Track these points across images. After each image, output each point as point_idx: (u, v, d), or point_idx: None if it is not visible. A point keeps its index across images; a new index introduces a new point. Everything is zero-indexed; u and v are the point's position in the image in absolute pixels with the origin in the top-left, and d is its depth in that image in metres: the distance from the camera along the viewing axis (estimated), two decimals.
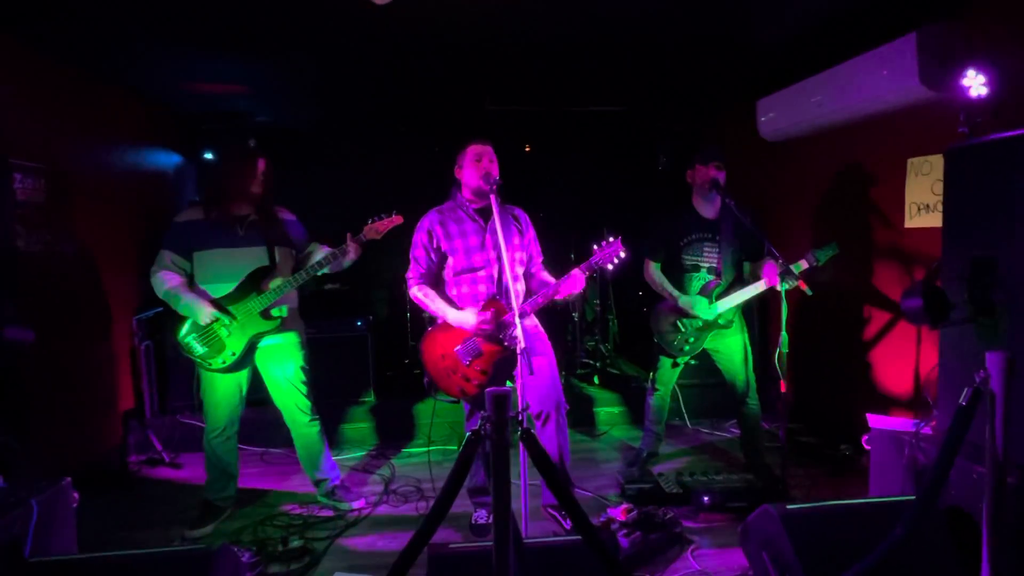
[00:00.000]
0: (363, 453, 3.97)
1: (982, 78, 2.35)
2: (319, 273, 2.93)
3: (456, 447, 3.89)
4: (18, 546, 1.92)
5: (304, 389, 3.04)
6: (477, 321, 2.62)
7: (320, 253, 2.99)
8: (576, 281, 2.60)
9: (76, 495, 2.36)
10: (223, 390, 2.91)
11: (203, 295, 2.81)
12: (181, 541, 2.83)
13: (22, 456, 2.54)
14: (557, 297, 2.64)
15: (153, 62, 3.63)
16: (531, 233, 2.90)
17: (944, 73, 2.76)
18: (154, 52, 3.44)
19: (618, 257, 2.59)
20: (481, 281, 2.75)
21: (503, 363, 2.69)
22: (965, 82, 2.37)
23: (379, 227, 2.89)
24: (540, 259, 2.93)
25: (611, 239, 2.59)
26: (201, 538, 2.85)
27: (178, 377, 4.13)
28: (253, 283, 2.84)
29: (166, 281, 2.80)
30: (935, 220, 3.07)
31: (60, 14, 2.84)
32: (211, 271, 2.83)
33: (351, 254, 2.89)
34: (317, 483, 3.17)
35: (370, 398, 4.42)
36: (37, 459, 3.01)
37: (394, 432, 4.18)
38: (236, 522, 3.00)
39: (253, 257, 2.86)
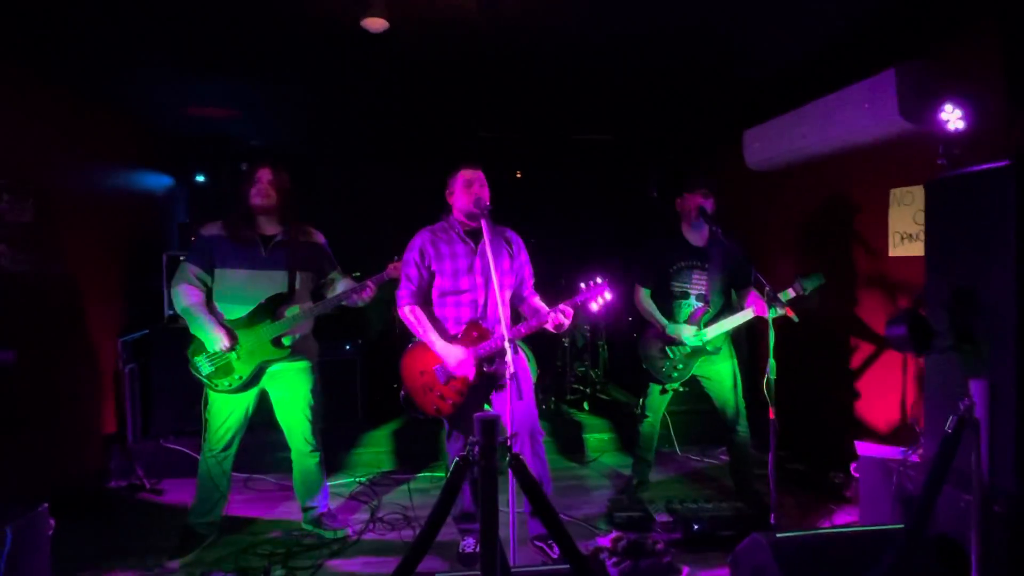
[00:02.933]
0: (351, 480, 3.91)
1: (959, 112, 2.43)
2: (326, 312, 2.89)
3: (443, 474, 3.84)
4: None
5: (311, 416, 2.99)
6: (461, 361, 2.64)
7: (341, 285, 2.94)
8: (566, 315, 2.60)
9: (52, 521, 2.30)
10: (228, 409, 2.86)
11: (217, 319, 2.76)
12: (161, 570, 2.75)
13: None
14: (547, 326, 2.65)
15: (145, 84, 3.66)
16: (523, 257, 2.92)
17: (923, 107, 2.85)
18: (147, 74, 3.47)
19: (603, 298, 2.60)
20: (464, 304, 2.76)
21: (481, 385, 2.70)
22: (943, 116, 2.44)
23: (399, 267, 2.85)
24: (532, 282, 2.94)
25: (599, 280, 2.61)
26: (182, 567, 2.77)
27: (163, 401, 4.07)
28: (269, 309, 2.80)
29: (186, 296, 2.77)
30: (918, 249, 3.13)
31: (51, 34, 2.86)
32: (229, 291, 2.80)
33: (368, 292, 2.85)
34: (305, 510, 3.11)
35: (359, 424, 4.36)
36: (13, 484, 2.93)
37: (384, 458, 4.12)
38: (218, 550, 2.92)
39: (273, 281, 2.81)
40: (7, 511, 2.11)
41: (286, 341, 2.84)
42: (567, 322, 2.62)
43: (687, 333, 3.17)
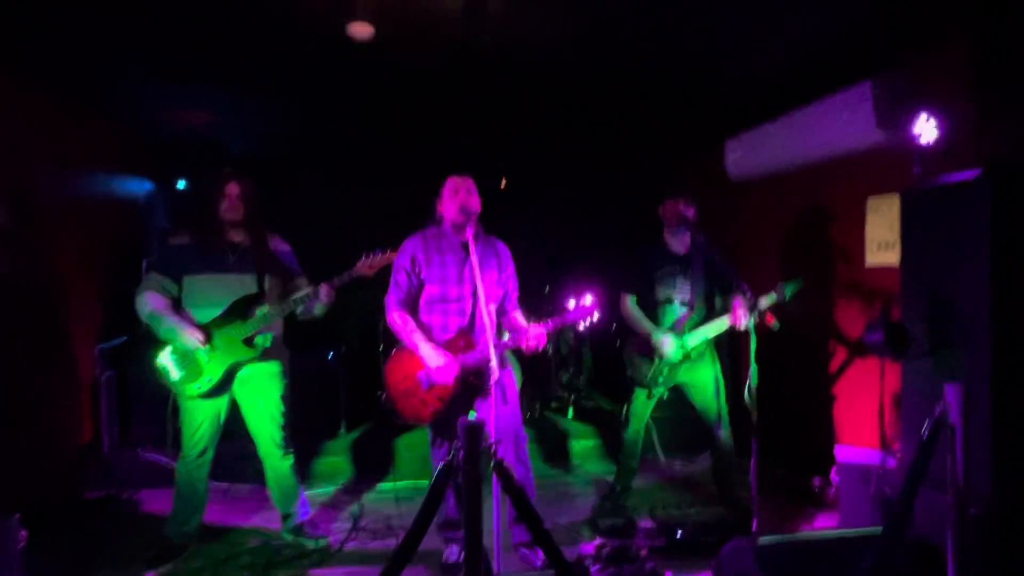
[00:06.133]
0: (333, 488, 3.86)
1: (933, 122, 2.49)
2: (294, 311, 2.88)
3: (426, 482, 3.82)
4: None
5: (281, 421, 2.97)
6: (442, 368, 2.62)
7: (304, 289, 2.93)
8: (539, 339, 2.61)
9: (24, 533, 2.24)
10: (200, 416, 2.84)
11: (187, 319, 2.76)
12: None
13: None
14: (522, 347, 2.64)
15: (126, 88, 3.62)
16: (510, 270, 2.92)
17: (898, 118, 2.92)
18: (128, 78, 3.44)
19: (591, 318, 2.62)
20: (452, 312, 2.75)
21: (462, 393, 2.70)
22: (917, 126, 2.50)
23: (373, 262, 2.83)
24: (516, 296, 2.95)
25: (588, 300, 2.63)
26: None
27: (141, 409, 3.99)
28: (239, 310, 2.81)
29: (150, 302, 2.76)
30: (894, 257, 3.19)
31: (30, 37, 2.82)
32: (199, 296, 2.80)
33: (322, 298, 2.83)
34: (284, 518, 3.07)
35: (341, 431, 4.32)
36: None
37: (365, 466, 4.08)
38: (195, 561, 2.87)
39: (242, 284, 2.83)
40: None
41: (258, 341, 2.84)
42: (540, 346, 2.63)
43: (668, 349, 3.18)
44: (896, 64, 3.11)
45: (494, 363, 2.31)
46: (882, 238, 3.35)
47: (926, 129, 2.49)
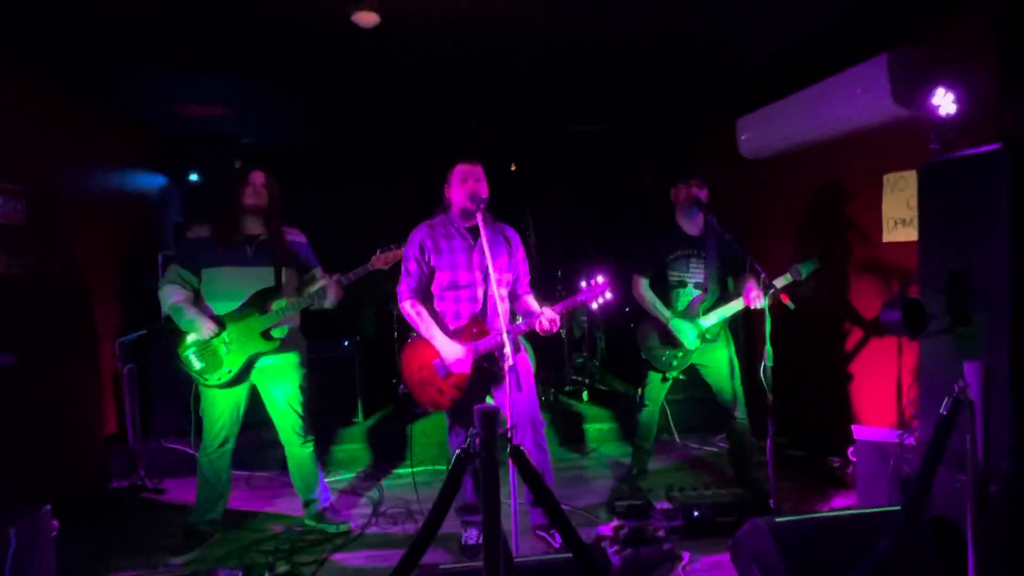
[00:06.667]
0: (352, 475, 3.93)
1: (951, 96, 2.43)
2: (309, 305, 2.91)
3: (444, 467, 3.86)
4: None
5: (300, 410, 3.02)
6: (458, 358, 2.65)
7: (318, 283, 2.97)
8: (553, 321, 2.62)
9: (56, 523, 2.31)
10: (221, 406, 2.90)
11: (206, 311, 2.82)
12: (165, 569, 2.76)
13: (0, 483, 2.48)
14: (535, 329, 2.66)
15: (137, 82, 3.64)
16: (520, 254, 2.92)
17: (915, 92, 2.85)
18: (140, 73, 3.46)
19: (604, 297, 2.63)
20: (464, 299, 2.76)
21: (479, 379, 2.72)
22: (935, 100, 2.45)
23: (387, 257, 2.85)
24: (527, 280, 2.95)
25: (600, 279, 2.62)
26: (185, 565, 2.79)
27: (162, 401, 4.07)
28: (257, 303, 2.86)
29: (171, 295, 2.84)
30: (912, 234, 3.15)
31: (43, 34, 2.84)
32: (218, 288, 2.86)
33: (331, 295, 2.87)
34: (306, 504, 3.13)
35: (358, 419, 4.38)
36: (16, 486, 2.94)
37: (383, 453, 4.14)
38: (221, 548, 2.94)
39: (260, 277, 2.88)
40: (10, 513, 2.12)
41: (275, 333, 2.89)
42: (555, 328, 2.64)
43: (687, 336, 3.18)
44: (913, 37, 3.03)
45: (507, 349, 2.32)
46: (899, 215, 3.29)
47: (944, 103, 2.44)
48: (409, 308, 2.78)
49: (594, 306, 2.64)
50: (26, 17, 2.64)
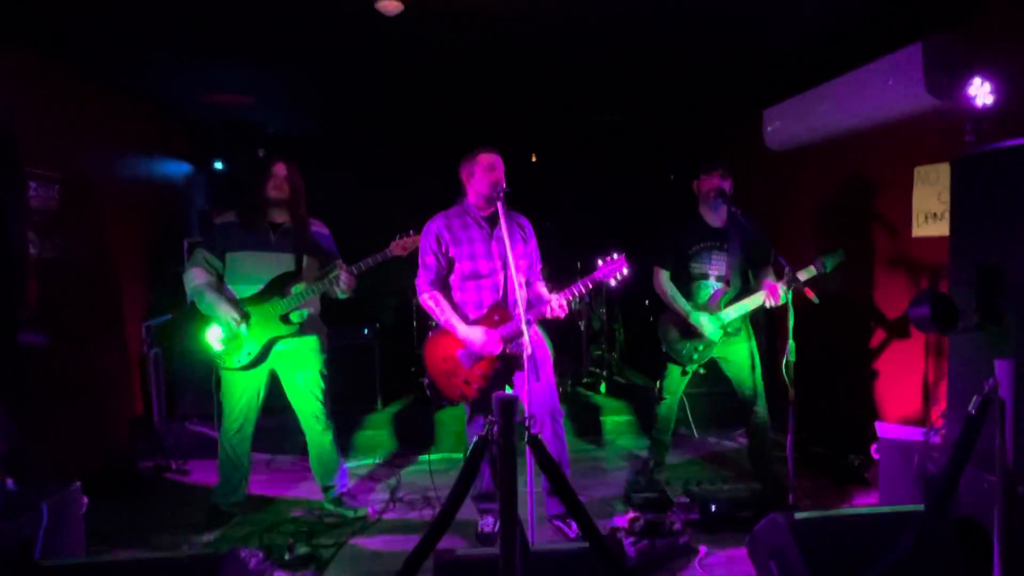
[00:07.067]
0: (370, 461, 3.97)
1: (988, 87, 2.36)
2: (327, 290, 2.92)
3: (461, 455, 3.89)
4: (28, 548, 1.94)
5: (320, 396, 3.06)
6: (485, 342, 2.65)
7: (336, 271, 2.96)
8: (561, 308, 2.62)
9: (85, 499, 2.38)
10: (240, 389, 2.95)
11: (227, 296, 2.88)
12: (189, 546, 2.83)
13: (33, 460, 2.56)
14: (548, 316, 2.66)
15: (167, 72, 3.69)
16: (533, 242, 2.92)
17: (950, 82, 2.77)
18: (168, 62, 3.50)
19: (620, 274, 2.61)
20: (485, 288, 2.76)
21: (503, 368, 2.72)
22: (971, 91, 2.38)
23: (406, 243, 2.85)
24: (539, 267, 2.95)
25: (615, 255, 2.60)
26: (208, 543, 2.85)
27: (186, 384, 4.16)
28: (277, 287, 2.90)
29: (195, 277, 2.90)
30: (943, 229, 3.07)
31: (77, 24, 2.90)
32: (240, 272, 2.91)
33: (342, 283, 2.86)
34: (325, 489, 3.17)
35: (377, 406, 4.42)
36: (47, 463, 3.03)
37: (401, 440, 4.18)
38: (243, 528, 3.00)
39: (281, 263, 2.93)
40: (42, 489, 2.19)
41: (294, 317, 2.92)
42: (562, 315, 2.65)
43: (709, 329, 3.15)
44: (949, 25, 2.93)
45: (526, 337, 2.32)
46: (930, 209, 3.21)
47: (980, 93, 2.36)
48: (428, 300, 2.79)
49: (612, 282, 2.62)
50: (61, 8, 2.68)
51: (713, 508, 2.89)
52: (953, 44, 2.89)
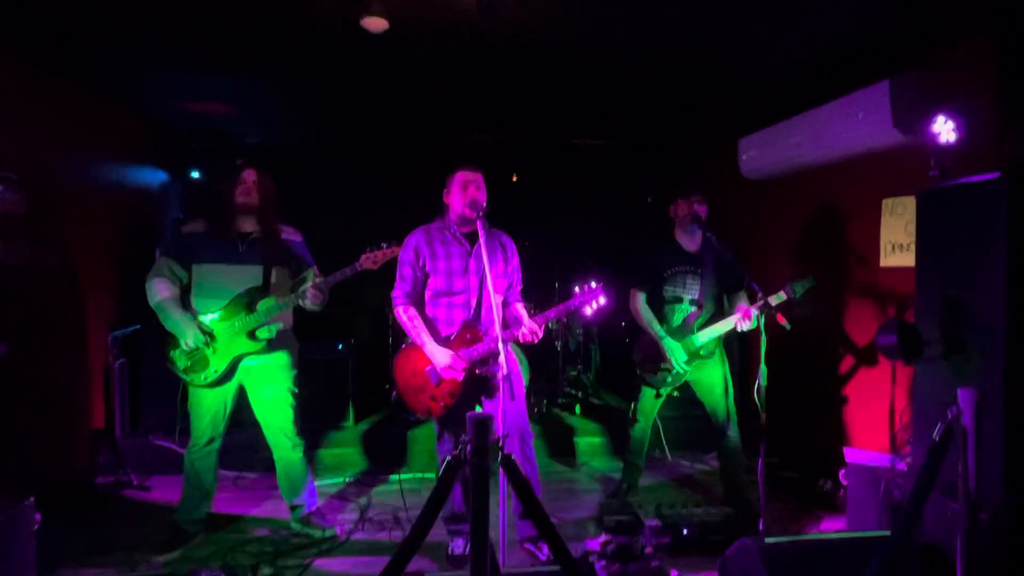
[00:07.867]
0: (341, 480, 3.89)
1: (951, 124, 2.45)
2: (298, 304, 2.86)
3: (433, 475, 3.83)
4: None
5: (290, 413, 2.99)
6: (447, 365, 2.64)
7: (307, 283, 2.90)
8: (535, 333, 2.61)
9: (38, 516, 2.28)
10: (207, 404, 2.88)
11: (191, 313, 2.79)
12: (147, 566, 2.73)
13: None
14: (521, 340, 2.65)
15: (142, 78, 3.64)
16: (515, 262, 2.93)
17: (916, 118, 2.88)
18: (144, 68, 3.46)
19: (597, 302, 2.61)
20: (457, 305, 2.76)
21: (471, 388, 2.71)
22: (935, 128, 2.47)
23: (377, 257, 2.77)
24: (519, 288, 2.95)
25: (593, 284, 2.62)
26: (168, 563, 2.75)
27: (152, 397, 4.04)
28: (244, 302, 2.82)
29: (159, 291, 2.80)
30: (909, 259, 3.16)
31: (47, 25, 2.85)
32: (206, 285, 2.83)
33: (308, 298, 2.78)
34: (293, 508, 3.09)
35: (349, 423, 4.35)
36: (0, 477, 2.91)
37: (374, 458, 4.11)
38: (205, 548, 2.90)
39: (249, 275, 2.85)
40: None
41: (261, 334, 2.85)
42: (535, 340, 2.64)
43: (677, 359, 3.18)
44: (916, 64, 3.06)
45: (502, 358, 2.31)
46: (897, 240, 3.31)
47: (944, 131, 2.46)
48: (403, 314, 2.77)
49: (588, 311, 2.63)
50: (33, 8, 2.64)
51: (685, 532, 2.89)
52: (919, 82, 3.02)
